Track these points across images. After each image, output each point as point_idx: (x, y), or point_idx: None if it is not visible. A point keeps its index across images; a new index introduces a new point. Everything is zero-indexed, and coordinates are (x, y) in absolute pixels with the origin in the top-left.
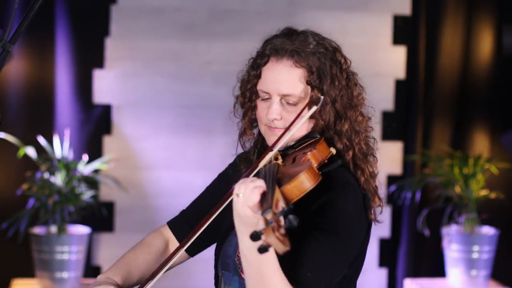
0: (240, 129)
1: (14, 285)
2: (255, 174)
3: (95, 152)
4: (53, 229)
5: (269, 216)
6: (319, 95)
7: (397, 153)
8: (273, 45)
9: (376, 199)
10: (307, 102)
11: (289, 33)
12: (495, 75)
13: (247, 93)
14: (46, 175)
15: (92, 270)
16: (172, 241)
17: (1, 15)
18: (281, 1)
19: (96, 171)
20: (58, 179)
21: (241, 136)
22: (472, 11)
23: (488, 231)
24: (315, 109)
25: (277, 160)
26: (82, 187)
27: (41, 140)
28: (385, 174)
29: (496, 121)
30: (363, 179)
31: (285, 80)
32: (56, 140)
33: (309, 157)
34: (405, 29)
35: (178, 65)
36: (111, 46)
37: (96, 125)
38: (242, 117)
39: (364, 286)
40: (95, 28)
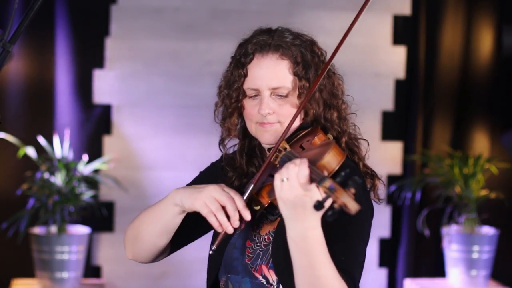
0: (223, 133)
1: (14, 285)
2: (271, 167)
3: (95, 152)
4: (53, 229)
5: (328, 183)
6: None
7: (397, 153)
8: (255, 43)
9: (376, 180)
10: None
11: (265, 31)
12: (495, 75)
13: (233, 94)
14: (46, 175)
15: (92, 270)
16: None
17: (1, 15)
18: (281, 1)
19: (96, 171)
20: (58, 179)
21: (224, 139)
22: (472, 11)
23: (488, 231)
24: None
25: (286, 150)
26: (82, 187)
27: (41, 140)
28: (385, 174)
29: (496, 121)
30: (361, 164)
31: (274, 73)
32: (56, 140)
33: (318, 141)
34: (405, 29)
35: (178, 65)
36: (111, 46)
37: (96, 125)
38: (228, 117)
39: (364, 286)
40: (95, 28)
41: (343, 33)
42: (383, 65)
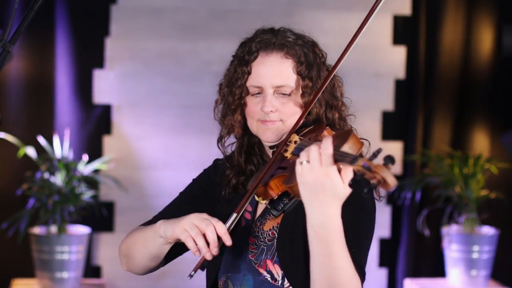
0: (222, 130)
1: (14, 285)
2: (280, 160)
3: (95, 152)
4: (53, 229)
5: (362, 162)
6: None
7: (397, 153)
8: (259, 41)
9: None
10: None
11: (268, 30)
12: (495, 75)
13: (237, 91)
14: (46, 175)
15: (92, 270)
16: None
17: (1, 15)
18: (281, 1)
19: (96, 171)
20: (58, 179)
21: (223, 137)
22: (472, 11)
23: (488, 231)
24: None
25: (296, 142)
26: (82, 187)
27: (41, 140)
28: None
29: (496, 121)
30: None
31: (278, 72)
32: (56, 140)
33: (327, 134)
34: (405, 29)
35: (178, 65)
36: (111, 46)
37: (96, 125)
38: (231, 114)
39: (364, 286)
40: (95, 28)
41: (343, 33)
42: (383, 65)
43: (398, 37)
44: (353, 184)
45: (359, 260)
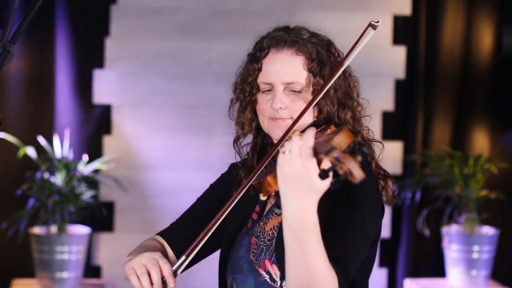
0: (237, 131)
1: (14, 285)
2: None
3: (95, 152)
4: (53, 229)
5: (335, 154)
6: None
7: (397, 153)
8: (270, 38)
9: (389, 181)
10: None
11: (282, 28)
12: (495, 75)
13: (247, 88)
14: (46, 175)
15: (92, 270)
16: (169, 251)
17: (1, 15)
18: (281, 1)
19: (96, 171)
20: (58, 179)
21: (239, 137)
22: (472, 11)
23: (488, 231)
24: (372, 33)
25: None
26: (82, 187)
27: (41, 140)
28: None
29: (496, 121)
30: (374, 163)
31: (288, 68)
32: (56, 140)
33: (330, 132)
34: (405, 29)
35: (178, 65)
36: (111, 46)
37: (96, 125)
38: (242, 111)
39: None
40: (95, 28)
41: (343, 33)
42: (383, 65)
43: (398, 37)
44: (322, 173)
45: (343, 259)
